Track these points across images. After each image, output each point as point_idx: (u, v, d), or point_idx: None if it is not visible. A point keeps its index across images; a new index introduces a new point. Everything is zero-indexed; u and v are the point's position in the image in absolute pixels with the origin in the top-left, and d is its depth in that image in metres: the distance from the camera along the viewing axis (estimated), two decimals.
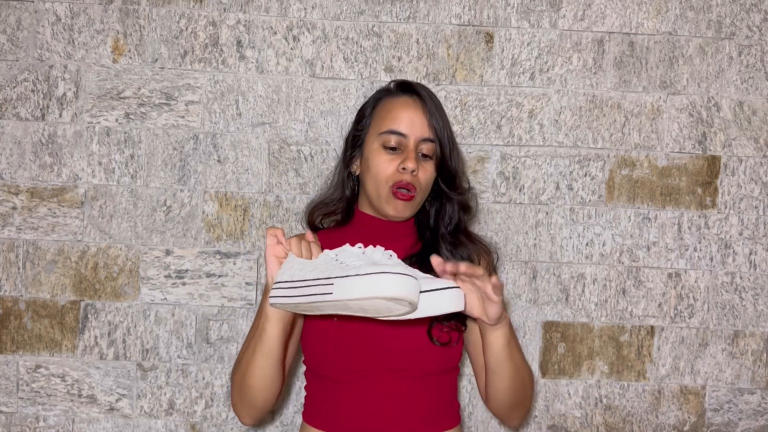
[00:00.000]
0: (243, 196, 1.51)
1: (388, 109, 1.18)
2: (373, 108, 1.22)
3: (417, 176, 1.15)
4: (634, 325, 1.54)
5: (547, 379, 1.54)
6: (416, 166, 1.14)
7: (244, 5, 1.49)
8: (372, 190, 1.18)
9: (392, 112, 1.17)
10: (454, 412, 1.21)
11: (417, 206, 1.19)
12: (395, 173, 1.15)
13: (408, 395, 1.11)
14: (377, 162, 1.16)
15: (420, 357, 1.12)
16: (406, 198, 1.15)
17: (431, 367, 1.14)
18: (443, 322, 1.13)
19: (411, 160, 1.13)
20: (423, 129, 1.16)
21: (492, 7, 1.51)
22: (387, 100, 1.20)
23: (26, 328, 1.51)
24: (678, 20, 1.52)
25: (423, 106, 1.17)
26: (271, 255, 1.01)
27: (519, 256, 1.53)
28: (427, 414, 1.14)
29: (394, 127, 1.15)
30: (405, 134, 1.15)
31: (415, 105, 1.17)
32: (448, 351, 1.14)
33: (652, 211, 1.53)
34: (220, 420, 1.52)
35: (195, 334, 1.51)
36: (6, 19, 1.48)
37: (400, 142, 1.16)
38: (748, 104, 1.53)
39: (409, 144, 1.15)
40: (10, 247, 1.50)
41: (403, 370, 1.12)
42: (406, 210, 1.17)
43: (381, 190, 1.16)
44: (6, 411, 1.51)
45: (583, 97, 1.52)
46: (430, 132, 1.16)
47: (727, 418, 1.55)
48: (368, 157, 1.18)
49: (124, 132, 1.50)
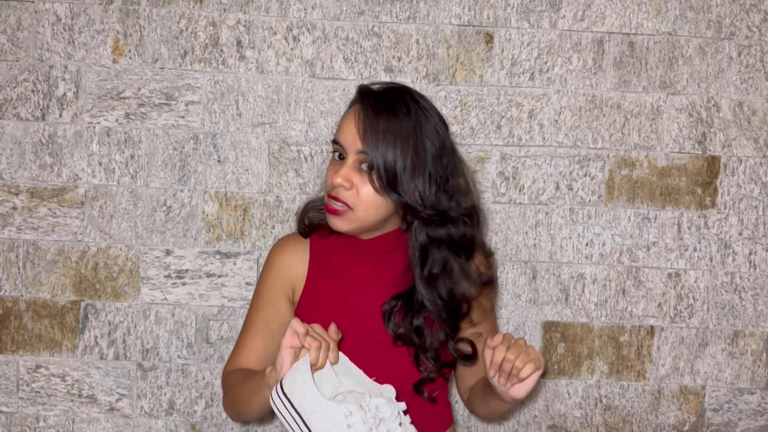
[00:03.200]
0: (243, 196, 1.51)
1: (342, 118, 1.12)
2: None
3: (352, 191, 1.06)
4: (634, 325, 1.54)
5: (547, 379, 1.54)
6: (345, 180, 1.06)
7: (244, 5, 1.49)
8: None
9: (341, 121, 1.11)
10: (446, 414, 1.22)
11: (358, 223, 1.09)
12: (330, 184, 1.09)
13: None
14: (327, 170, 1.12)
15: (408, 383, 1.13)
16: (332, 211, 1.09)
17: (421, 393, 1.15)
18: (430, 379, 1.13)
19: (339, 175, 1.06)
20: (355, 140, 1.06)
21: (492, 8, 1.51)
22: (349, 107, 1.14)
23: (26, 328, 1.51)
24: (678, 20, 1.52)
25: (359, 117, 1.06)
26: (287, 346, 0.96)
27: (519, 256, 1.53)
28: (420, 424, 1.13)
29: (337, 137, 1.09)
30: (342, 144, 1.08)
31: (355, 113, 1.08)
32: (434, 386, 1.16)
33: (652, 211, 1.53)
34: (220, 420, 1.52)
35: (195, 334, 1.52)
36: (6, 19, 1.48)
37: (342, 152, 1.09)
38: (748, 104, 1.53)
39: (348, 155, 1.07)
40: (10, 247, 1.50)
41: None
42: (342, 225, 1.09)
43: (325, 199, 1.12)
44: (6, 411, 1.51)
45: (583, 97, 1.52)
46: (361, 143, 1.05)
47: (726, 418, 1.55)
48: None
49: (125, 132, 1.50)
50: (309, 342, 0.95)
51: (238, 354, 1.18)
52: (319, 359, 0.96)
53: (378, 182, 1.05)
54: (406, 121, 1.07)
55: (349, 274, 1.17)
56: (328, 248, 1.20)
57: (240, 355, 1.18)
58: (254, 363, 1.17)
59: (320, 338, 0.97)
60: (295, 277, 1.18)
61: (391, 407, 0.95)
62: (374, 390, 0.98)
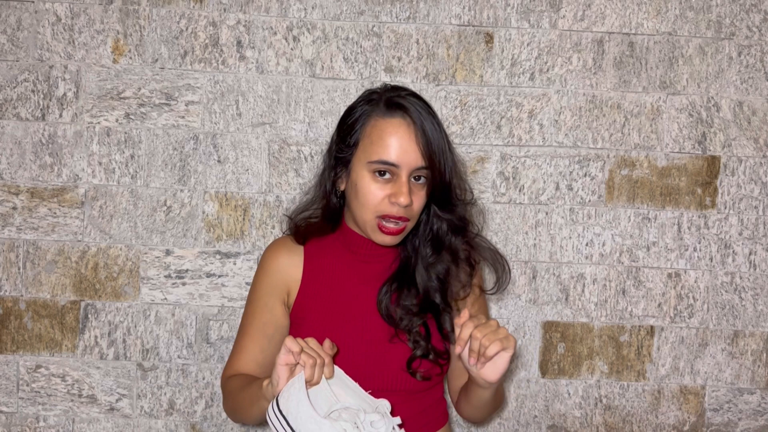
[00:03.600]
0: (243, 196, 1.51)
1: (379, 135, 1.08)
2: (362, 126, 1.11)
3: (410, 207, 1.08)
4: (634, 325, 1.54)
5: (547, 379, 1.54)
6: (409, 200, 1.06)
7: (244, 5, 1.49)
8: (359, 217, 1.11)
9: (383, 138, 1.07)
10: (441, 412, 1.22)
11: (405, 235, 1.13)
12: (385, 204, 1.07)
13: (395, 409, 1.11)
14: (366, 191, 1.08)
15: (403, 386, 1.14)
16: (394, 232, 1.09)
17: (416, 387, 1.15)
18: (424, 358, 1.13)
19: (404, 195, 1.06)
20: (416, 157, 1.07)
21: (492, 8, 1.51)
22: (376, 120, 1.09)
23: (26, 328, 1.51)
24: (678, 20, 1.52)
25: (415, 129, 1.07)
26: (282, 364, 0.96)
27: (519, 256, 1.53)
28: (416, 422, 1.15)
29: (385, 158, 1.06)
30: (396, 164, 1.06)
31: (407, 129, 1.07)
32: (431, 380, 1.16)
33: (652, 211, 1.53)
34: (220, 420, 1.52)
35: (195, 334, 1.52)
36: (6, 19, 1.48)
37: (392, 170, 1.07)
38: (748, 104, 1.53)
39: (402, 174, 1.07)
40: (11, 247, 1.50)
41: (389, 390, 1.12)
42: (394, 240, 1.11)
43: (367, 218, 1.09)
44: (6, 411, 1.51)
45: (583, 97, 1.52)
46: (424, 160, 1.07)
47: (726, 418, 1.55)
48: (356, 181, 1.09)
49: (125, 132, 1.50)
50: (304, 359, 0.96)
51: (236, 359, 1.19)
52: (314, 376, 0.97)
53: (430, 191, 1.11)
54: (439, 128, 1.10)
55: (344, 273, 1.18)
56: (322, 250, 1.20)
57: (238, 360, 1.19)
58: (252, 367, 1.17)
59: (315, 355, 0.97)
60: (290, 280, 1.18)
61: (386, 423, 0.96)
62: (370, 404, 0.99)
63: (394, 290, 1.15)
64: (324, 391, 0.98)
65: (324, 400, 0.97)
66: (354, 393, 1.00)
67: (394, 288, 1.15)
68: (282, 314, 1.19)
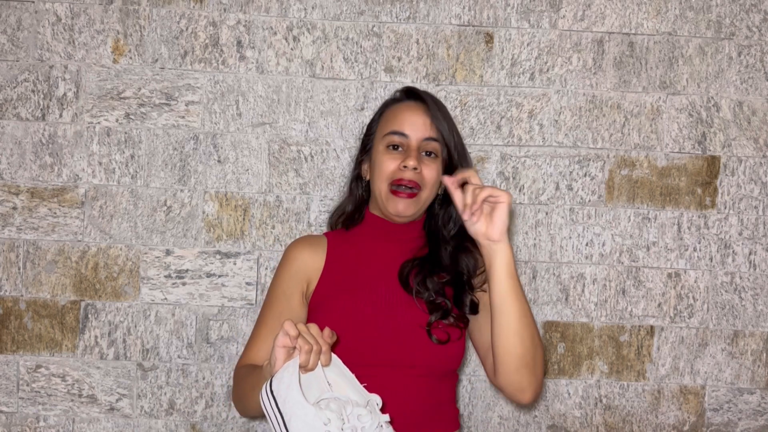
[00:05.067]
0: (243, 196, 1.51)
1: (393, 113, 1.22)
2: (380, 115, 1.26)
3: (420, 173, 1.18)
4: (634, 325, 1.54)
5: (547, 378, 1.54)
6: (417, 164, 1.17)
7: (244, 5, 1.49)
8: (376, 190, 1.21)
9: (396, 115, 1.21)
10: (453, 416, 1.22)
11: (422, 205, 1.20)
12: (396, 170, 1.18)
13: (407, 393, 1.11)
14: (381, 161, 1.20)
15: (419, 354, 1.13)
16: (406, 195, 1.17)
17: (430, 364, 1.14)
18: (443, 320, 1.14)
19: (412, 158, 1.17)
20: (425, 129, 1.19)
21: (492, 8, 1.51)
22: (393, 106, 1.25)
23: (26, 328, 1.51)
24: (678, 20, 1.52)
25: (426, 109, 1.21)
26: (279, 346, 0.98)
27: (519, 256, 1.53)
28: (426, 414, 1.14)
29: (396, 128, 1.20)
30: (406, 134, 1.19)
31: (418, 107, 1.21)
32: (447, 350, 1.14)
33: (652, 211, 1.54)
34: (220, 420, 1.52)
35: (195, 334, 1.52)
36: (6, 19, 1.48)
37: (403, 142, 1.19)
38: (748, 104, 1.53)
39: (411, 143, 1.19)
40: (11, 247, 1.50)
41: (402, 366, 1.13)
42: (408, 208, 1.18)
43: (382, 188, 1.19)
44: (6, 411, 1.51)
45: (583, 97, 1.52)
46: (433, 132, 1.20)
47: (726, 418, 1.55)
48: (374, 159, 1.22)
49: (125, 132, 1.50)
50: (300, 344, 0.97)
51: (251, 348, 1.21)
52: (309, 362, 0.97)
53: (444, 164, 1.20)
54: (452, 121, 1.23)
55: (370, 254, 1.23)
56: (346, 241, 1.25)
57: (252, 350, 1.20)
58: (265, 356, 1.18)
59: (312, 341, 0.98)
60: (311, 271, 1.22)
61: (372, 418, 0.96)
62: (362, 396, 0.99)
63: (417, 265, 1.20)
64: (318, 378, 0.98)
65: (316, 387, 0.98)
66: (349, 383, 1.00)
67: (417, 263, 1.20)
68: (299, 305, 1.21)
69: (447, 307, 1.16)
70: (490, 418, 1.54)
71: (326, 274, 1.21)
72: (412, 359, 1.13)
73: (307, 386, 0.96)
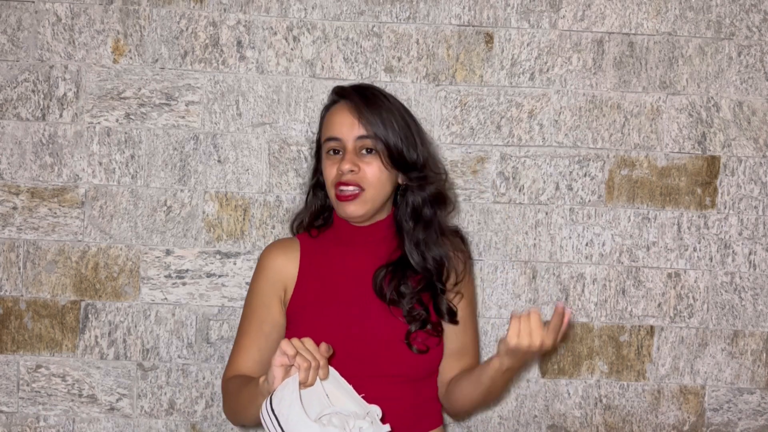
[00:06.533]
0: (243, 196, 1.51)
1: (328, 118, 1.21)
2: (321, 121, 1.25)
3: (360, 173, 1.16)
4: (634, 325, 1.54)
5: (547, 378, 1.54)
6: (352, 165, 1.15)
7: (244, 5, 1.49)
8: (329, 196, 1.21)
9: (329, 119, 1.21)
10: (436, 413, 1.23)
11: (371, 203, 1.18)
12: (337, 175, 1.17)
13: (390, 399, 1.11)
14: (324, 168, 1.20)
15: (400, 364, 1.14)
16: (348, 197, 1.16)
17: (412, 373, 1.16)
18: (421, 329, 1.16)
19: (346, 161, 1.16)
20: (355, 128, 1.17)
21: (492, 8, 1.51)
22: (329, 110, 1.23)
23: (27, 328, 1.51)
24: (678, 20, 1.52)
25: (353, 107, 1.18)
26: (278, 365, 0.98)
27: (519, 256, 1.53)
28: (409, 415, 1.16)
29: (330, 134, 1.19)
30: (339, 137, 1.18)
31: (347, 107, 1.19)
32: (427, 357, 1.16)
33: (652, 211, 1.54)
34: (220, 420, 1.52)
35: (195, 334, 1.52)
36: (6, 19, 1.48)
37: (338, 146, 1.18)
38: (748, 104, 1.53)
39: (347, 145, 1.17)
40: (11, 247, 1.50)
41: (384, 376, 1.14)
42: (356, 209, 1.17)
43: (331, 193, 1.19)
44: (6, 411, 1.51)
45: (583, 97, 1.52)
46: (362, 129, 1.17)
47: (726, 418, 1.55)
48: (322, 165, 1.22)
49: (125, 132, 1.50)
50: (299, 362, 0.97)
51: (235, 359, 1.21)
52: (308, 379, 0.97)
53: (386, 158, 1.16)
54: (386, 103, 1.20)
55: (340, 265, 1.21)
56: (317, 247, 1.24)
57: (237, 361, 1.20)
58: (251, 366, 1.18)
59: (311, 358, 0.98)
60: (287, 278, 1.21)
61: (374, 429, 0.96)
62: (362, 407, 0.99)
63: (390, 271, 1.19)
64: (318, 393, 0.99)
65: (317, 402, 0.98)
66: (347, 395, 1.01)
67: (390, 269, 1.19)
68: (279, 312, 1.20)
69: (424, 317, 1.16)
70: (490, 418, 1.54)
71: (301, 281, 1.21)
72: (391, 369, 1.14)
73: (307, 402, 0.97)
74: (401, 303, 1.16)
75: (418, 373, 1.17)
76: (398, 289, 1.17)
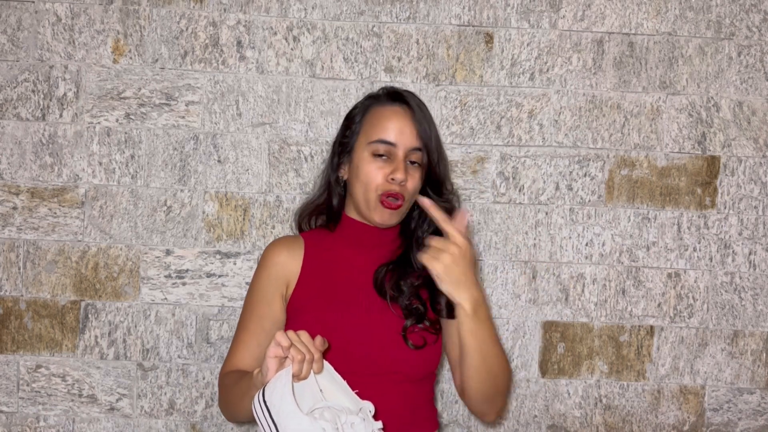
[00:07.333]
0: (243, 196, 1.51)
1: (378, 118, 1.19)
2: (363, 115, 1.22)
3: (405, 185, 1.16)
4: (634, 325, 1.54)
5: (547, 378, 1.54)
6: (405, 177, 1.15)
7: (244, 6, 1.49)
8: (360, 197, 1.18)
9: (382, 121, 1.18)
10: (431, 416, 1.22)
11: (403, 214, 1.20)
12: (384, 182, 1.16)
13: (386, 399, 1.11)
14: (367, 170, 1.17)
15: (396, 360, 1.14)
16: (393, 207, 1.16)
17: (410, 371, 1.16)
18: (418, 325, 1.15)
19: (400, 171, 1.15)
20: (412, 138, 1.17)
21: (492, 8, 1.51)
22: (377, 108, 1.21)
23: (27, 328, 1.51)
24: (677, 20, 1.52)
25: (412, 116, 1.18)
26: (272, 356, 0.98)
27: (519, 256, 1.53)
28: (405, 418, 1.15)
29: (384, 137, 1.16)
30: (394, 143, 1.16)
31: (405, 114, 1.18)
32: (424, 354, 1.16)
33: (652, 211, 1.54)
34: (220, 420, 1.52)
35: (195, 333, 1.52)
36: (6, 19, 1.48)
37: (390, 150, 1.16)
38: (748, 104, 1.53)
39: (399, 153, 1.16)
40: (11, 247, 1.50)
41: (380, 374, 1.13)
42: (392, 218, 1.18)
43: (369, 197, 1.17)
44: (6, 411, 1.51)
45: (583, 97, 1.52)
46: (419, 141, 1.17)
47: (726, 418, 1.55)
48: (358, 164, 1.19)
49: (125, 132, 1.50)
50: (293, 354, 0.97)
51: (234, 354, 1.20)
52: (302, 371, 0.97)
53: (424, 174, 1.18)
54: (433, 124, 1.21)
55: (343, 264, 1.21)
56: (322, 244, 1.24)
57: (235, 356, 1.20)
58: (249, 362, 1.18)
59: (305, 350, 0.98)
60: (289, 274, 1.21)
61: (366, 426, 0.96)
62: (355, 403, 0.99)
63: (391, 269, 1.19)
64: (311, 386, 0.98)
65: (310, 395, 0.98)
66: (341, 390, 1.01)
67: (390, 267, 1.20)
68: (280, 309, 1.20)
69: (421, 311, 1.16)
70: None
71: (303, 278, 1.21)
72: (389, 366, 1.13)
73: (300, 395, 0.97)
74: (400, 299, 1.16)
75: (415, 373, 1.16)
76: (398, 285, 1.18)
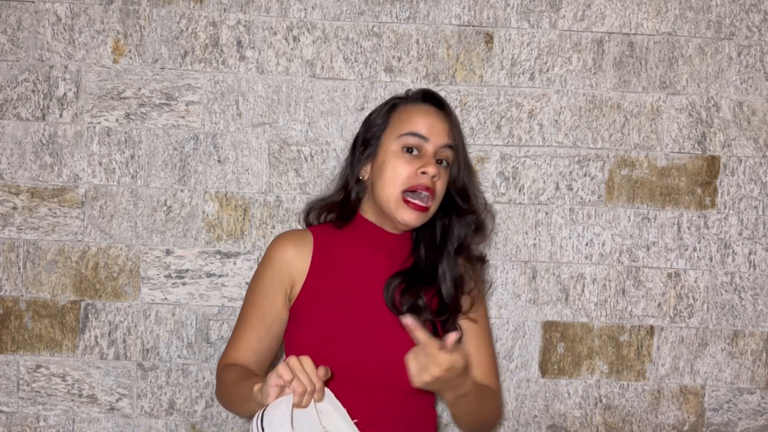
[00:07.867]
0: (243, 196, 1.51)
1: (409, 114, 1.15)
2: (390, 113, 1.18)
3: (435, 182, 1.12)
4: (634, 324, 1.54)
5: (547, 379, 1.54)
6: (437, 172, 1.10)
7: (244, 5, 1.49)
8: (383, 195, 1.13)
9: (414, 117, 1.14)
10: (431, 420, 1.22)
11: (429, 216, 1.15)
12: (412, 176, 1.11)
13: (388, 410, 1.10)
14: (395, 164, 1.12)
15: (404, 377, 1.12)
16: (419, 208, 1.11)
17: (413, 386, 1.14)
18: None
19: (432, 165, 1.10)
20: (444, 135, 1.13)
21: (492, 8, 1.51)
22: (406, 105, 1.18)
23: (27, 328, 1.51)
24: (677, 20, 1.52)
25: (445, 115, 1.15)
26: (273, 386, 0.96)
27: (519, 256, 1.53)
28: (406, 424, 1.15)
29: (416, 130, 1.12)
30: (426, 137, 1.12)
31: (437, 112, 1.16)
32: None
33: (652, 211, 1.54)
34: (220, 420, 1.52)
35: (195, 333, 1.52)
36: (6, 19, 1.48)
37: (420, 145, 1.12)
38: (748, 104, 1.53)
39: (429, 149, 1.12)
40: (11, 247, 1.50)
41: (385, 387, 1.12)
42: (417, 220, 1.13)
43: (394, 193, 1.12)
44: (6, 411, 1.51)
45: (583, 97, 1.52)
46: (451, 139, 1.14)
47: (726, 418, 1.55)
48: (384, 159, 1.14)
49: (125, 132, 1.50)
50: (295, 386, 0.95)
51: (233, 347, 1.19)
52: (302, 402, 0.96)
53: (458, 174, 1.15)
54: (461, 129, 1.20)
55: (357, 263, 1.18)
56: (332, 244, 1.20)
57: (235, 349, 1.18)
58: (248, 356, 1.17)
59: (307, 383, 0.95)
60: (295, 273, 1.18)
61: None
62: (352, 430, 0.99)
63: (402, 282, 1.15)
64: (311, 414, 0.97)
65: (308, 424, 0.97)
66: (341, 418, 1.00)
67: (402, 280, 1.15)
68: (283, 306, 1.18)
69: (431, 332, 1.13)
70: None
71: (311, 277, 1.17)
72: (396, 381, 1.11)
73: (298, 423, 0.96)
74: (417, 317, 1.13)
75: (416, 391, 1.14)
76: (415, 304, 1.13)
